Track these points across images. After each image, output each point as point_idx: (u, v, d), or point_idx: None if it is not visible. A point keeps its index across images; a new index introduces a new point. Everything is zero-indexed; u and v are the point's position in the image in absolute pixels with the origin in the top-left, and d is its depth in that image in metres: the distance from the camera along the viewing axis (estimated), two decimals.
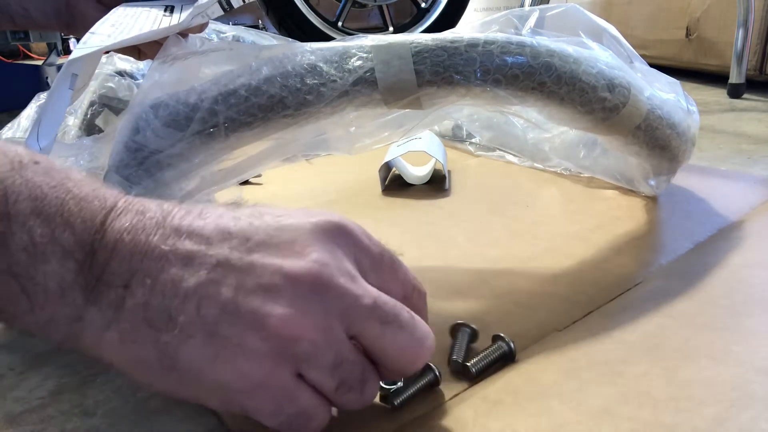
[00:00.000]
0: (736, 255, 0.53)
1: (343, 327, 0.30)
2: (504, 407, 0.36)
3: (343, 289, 0.29)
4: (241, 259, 0.29)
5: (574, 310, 0.47)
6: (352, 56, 0.46)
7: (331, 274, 0.29)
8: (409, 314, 0.32)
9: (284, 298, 0.28)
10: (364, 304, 0.30)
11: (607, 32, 0.60)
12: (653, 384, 0.36)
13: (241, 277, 0.28)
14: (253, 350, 0.28)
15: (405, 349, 0.31)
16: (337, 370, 0.30)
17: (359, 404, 0.32)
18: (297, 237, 0.30)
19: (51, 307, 0.28)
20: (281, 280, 0.28)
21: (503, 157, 0.86)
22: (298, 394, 0.29)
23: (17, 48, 2.74)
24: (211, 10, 0.46)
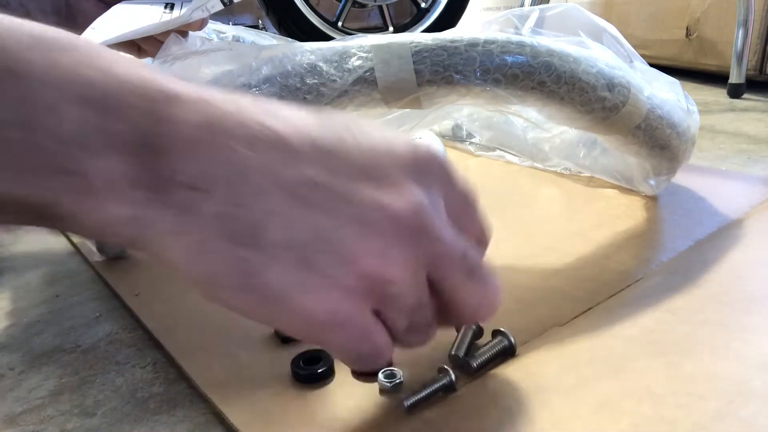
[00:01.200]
0: (736, 252, 0.53)
1: (427, 271, 0.29)
2: (504, 401, 0.36)
3: (438, 235, 0.29)
4: (339, 184, 0.27)
5: (574, 306, 0.47)
6: (352, 56, 0.46)
7: (429, 218, 0.28)
8: (487, 267, 0.32)
9: (383, 237, 0.27)
10: (455, 253, 0.30)
11: (607, 32, 0.60)
12: (653, 379, 0.36)
13: (339, 204, 0.27)
14: (344, 286, 0.27)
15: (481, 301, 0.32)
16: (413, 313, 0.30)
17: (420, 345, 0.32)
18: (393, 168, 0.28)
19: (106, 206, 0.24)
20: (382, 217, 0.27)
21: (503, 157, 0.86)
22: (375, 332, 0.29)
23: None
24: (211, 4, 0.46)
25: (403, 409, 0.36)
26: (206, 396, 0.40)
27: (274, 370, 0.42)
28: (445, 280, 0.30)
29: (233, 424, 0.37)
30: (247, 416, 0.37)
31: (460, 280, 0.30)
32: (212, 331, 0.46)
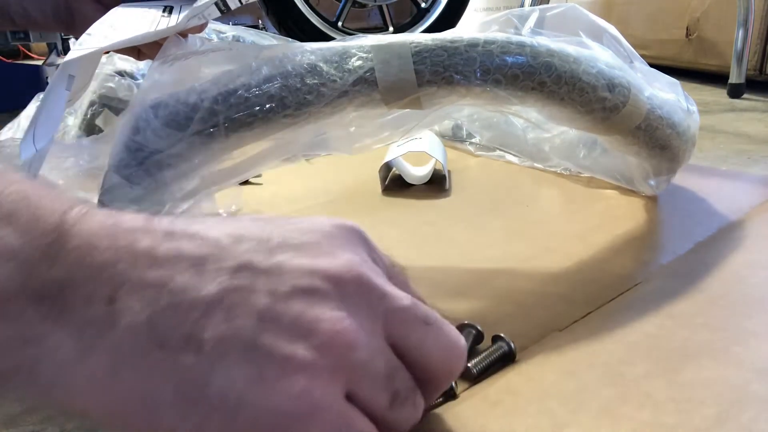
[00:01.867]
0: (737, 255, 0.53)
1: (384, 332, 0.26)
2: (504, 408, 0.36)
3: (383, 290, 0.27)
4: (266, 260, 0.25)
5: (573, 310, 0.47)
6: (352, 56, 0.46)
7: (370, 275, 0.26)
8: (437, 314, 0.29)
9: (330, 300, 0.25)
10: (405, 305, 0.27)
11: (607, 32, 0.60)
12: (653, 384, 0.36)
13: (272, 280, 0.24)
14: (306, 364, 0.23)
15: (448, 350, 0.29)
16: (390, 382, 0.26)
17: (413, 419, 0.28)
18: (320, 238, 0.27)
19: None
20: (321, 281, 0.25)
21: (503, 157, 0.86)
22: (354, 417, 0.25)
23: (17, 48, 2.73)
24: (208, 11, 0.46)
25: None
26: None
27: None
28: (406, 337, 0.27)
29: None
30: None
31: (421, 332, 0.27)
32: None
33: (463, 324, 0.43)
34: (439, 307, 0.49)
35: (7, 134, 0.76)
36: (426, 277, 0.54)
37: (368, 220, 0.68)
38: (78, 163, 0.50)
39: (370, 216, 0.69)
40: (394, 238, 0.63)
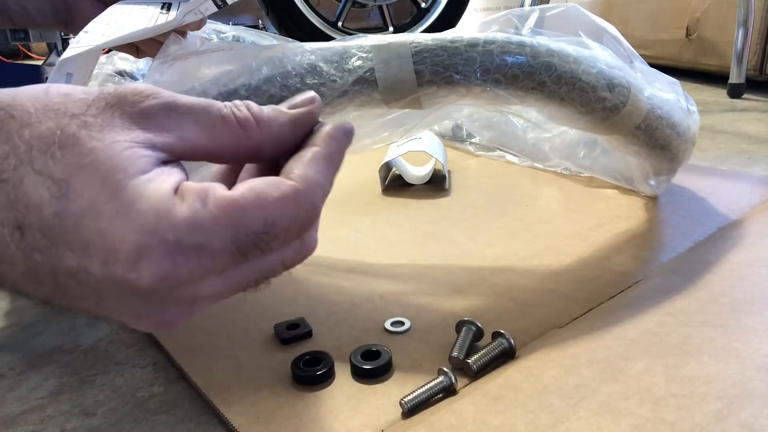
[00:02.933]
0: (737, 253, 0.53)
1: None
2: (504, 403, 0.36)
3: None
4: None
5: (574, 308, 0.47)
6: (352, 56, 0.46)
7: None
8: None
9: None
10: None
11: (607, 32, 0.60)
12: (654, 381, 0.36)
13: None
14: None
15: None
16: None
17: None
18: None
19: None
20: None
21: (503, 157, 0.86)
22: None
23: (17, 48, 2.74)
24: (205, 6, 0.46)
25: (403, 410, 0.36)
26: (206, 396, 0.40)
27: (274, 371, 0.42)
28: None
29: (233, 425, 0.37)
30: (247, 417, 0.37)
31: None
32: (212, 331, 0.46)
33: (464, 321, 0.43)
34: (439, 304, 0.49)
35: None
36: (426, 275, 0.54)
37: (368, 220, 0.68)
38: None
39: (370, 216, 0.70)
40: (394, 238, 0.63)
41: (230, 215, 0.24)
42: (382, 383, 0.40)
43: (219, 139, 0.26)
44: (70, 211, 0.22)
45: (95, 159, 0.23)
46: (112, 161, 0.23)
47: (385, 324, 0.46)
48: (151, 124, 0.25)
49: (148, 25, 0.45)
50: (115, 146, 0.23)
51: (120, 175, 0.23)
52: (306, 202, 0.26)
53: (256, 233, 0.24)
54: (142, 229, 0.23)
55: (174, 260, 0.23)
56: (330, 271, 0.56)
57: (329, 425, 0.36)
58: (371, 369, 0.40)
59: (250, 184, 0.25)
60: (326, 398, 0.39)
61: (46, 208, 0.22)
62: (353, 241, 0.63)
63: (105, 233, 0.22)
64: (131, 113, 0.24)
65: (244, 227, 0.24)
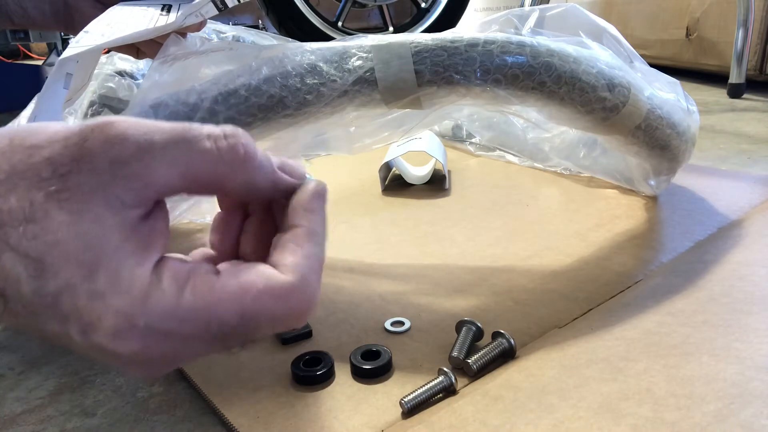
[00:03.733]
0: (736, 253, 0.53)
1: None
2: (504, 403, 0.36)
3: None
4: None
5: (573, 308, 0.47)
6: (352, 56, 0.46)
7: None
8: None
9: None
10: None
11: (607, 32, 0.60)
12: (654, 381, 0.36)
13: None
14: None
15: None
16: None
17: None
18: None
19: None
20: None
21: (503, 157, 0.86)
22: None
23: (17, 48, 2.74)
24: (205, 9, 0.46)
25: (403, 410, 0.36)
26: (206, 396, 0.40)
27: (274, 371, 0.42)
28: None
29: (233, 425, 0.37)
30: (247, 417, 0.37)
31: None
32: None
33: (464, 321, 0.43)
34: (439, 304, 0.49)
35: None
36: (426, 275, 0.54)
37: (368, 220, 0.68)
38: None
39: (370, 216, 0.70)
40: (394, 238, 0.63)
41: (206, 305, 0.24)
42: (382, 383, 0.40)
43: (193, 176, 0.25)
44: (48, 290, 0.23)
45: (66, 235, 0.23)
46: (83, 239, 0.23)
47: (385, 324, 0.46)
48: (120, 174, 0.23)
49: (148, 27, 0.45)
50: (84, 219, 0.23)
51: (90, 255, 0.23)
52: (299, 296, 0.25)
53: (231, 326, 0.24)
54: (117, 312, 0.23)
55: (146, 343, 0.23)
56: (330, 271, 0.56)
57: (329, 425, 0.36)
58: (371, 369, 0.40)
59: (237, 269, 0.25)
60: (326, 398, 0.39)
61: (25, 285, 0.23)
62: (353, 241, 0.63)
63: (82, 311, 0.23)
64: (99, 165, 0.23)
65: (217, 319, 0.24)
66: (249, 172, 0.26)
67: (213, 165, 0.25)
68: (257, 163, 0.26)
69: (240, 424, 0.37)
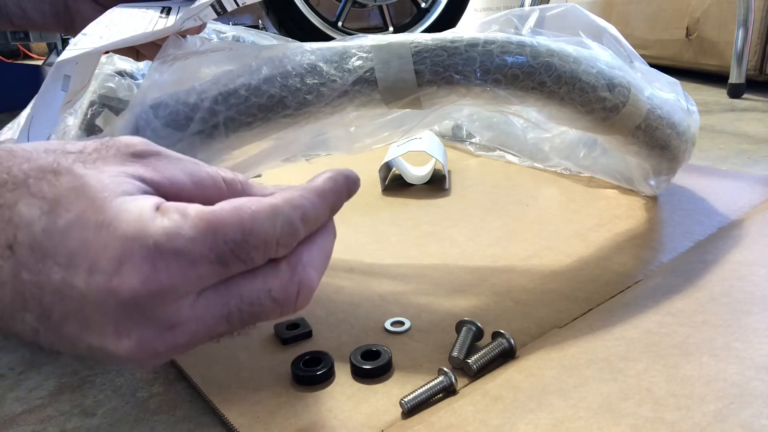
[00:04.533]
0: (736, 253, 0.53)
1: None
2: (504, 403, 0.36)
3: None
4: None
5: (574, 308, 0.47)
6: (352, 56, 0.46)
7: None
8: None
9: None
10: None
11: (607, 32, 0.60)
12: (654, 381, 0.36)
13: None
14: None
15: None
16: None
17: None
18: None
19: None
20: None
21: (503, 157, 0.86)
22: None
23: (17, 48, 2.74)
24: (204, 13, 0.46)
25: (403, 410, 0.36)
26: (206, 396, 0.40)
27: (274, 371, 0.42)
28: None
29: (233, 425, 0.37)
30: (246, 417, 0.37)
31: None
32: None
33: (464, 321, 0.43)
34: (439, 304, 0.49)
35: (7, 134, 0.76)
36: (426, 275, 0.54)
37: (368, 220, 0.68)
38: None
39: (370, 216, 0.70)
40: (394, 238, 0.63)
41: (209, 223, 0.25)
42: (382, 383, 0.40)
43: (202, 189, 0.27)
44: (58, 226, 0.24)
45: (85, 182, 0.24)
46: (101, 183, 0.24)
47: (385, 324, 0.46)
48: (142, 162, 0.26)
49: (146, 30, 0.45)
50: (105, 173, 0.25)
51: (106, 193, 0.24)
52: (282, 216, 0.26)
53: (234, 241, 0.25)
54: (124, 236, 0.23)
55: (155, 264, 0.24)
56: (330, 271, 0.56)
57: (329, 425, 0.36)
58: (371, 369, 0.40)
59: (230, 200, 0.26)
60: (326, 398, 0.39)
61: (36, 225, 0.24)
62: (353, 241, 0.63)
63: (89, 243, 0.23)
64: (124, 152, 0.26)
65: (222, 234, 0.25)
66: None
67: (218, 187, 0.27)
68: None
69: (240, 424, 0.37)
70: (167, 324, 0.25)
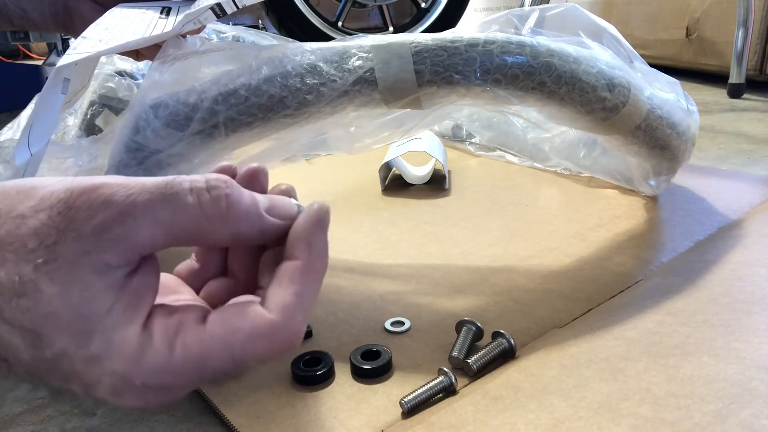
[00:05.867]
0: (736, 253, 0.53)
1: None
2: (504, 403, 0.36)
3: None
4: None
5: (574, 308, 0.47)
6: (352, 56, 0.46)
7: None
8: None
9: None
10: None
11: (607, 32, 0.60)
12: (653, 381, 0.36)
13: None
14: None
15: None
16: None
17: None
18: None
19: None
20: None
21: (503, 157, 0.86)
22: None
23: (17, 48, 2.74)
24: (204, 16, 0.46)
25: (403, 410, 0.36)
26: (206, 396, 0.40)
27: (274, 371, 0.42)
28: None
29: (233, 425, 0.37)
30: (246, 417, 0.37)
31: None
32: None
33: (464, 321, 0.43)
34: (439, 304, 0.49)
35: (7, 134, 0.76)
36: (426, 275, 0.54)
37: (368, 220, 0.68)
38: (78, 164, 0.50)
39: (370, 216, 0.69)
40: (394, 238, 0.63)
41: (197, 359, 0.24)
42: (382, 383, 0.40)
43: (177, 234, 0.25)
44: (46, 357, 0.24)
45: (57, 307, 0.23)
46: (74, 310, 0.23)
47: (385, 324, 0.46)
48: (105, 239, 0.24)
49: (145, 34, 0.45)
50: (73, 289, 0.23)
51: (83, 323, 0.23)
52: (285, 334, 0.26)
53: (223, 371, 0.25)
54: (114, 374, 0.24)
55: (145, 398, 0.25)
56: (330, 271, 0.55)
57: (329, 425, 0.36)
58: (371, 369, 0.40)
59: (224, 316, 0.25)
60: (326, 398, 0.39)
61: (24, 353, 0.24)
62: (353, 241, 0.63)
63: (81, 375, 0.24)
64: (84, 234, 0.24)
65: (211, 367, 0.25)
66: (232, 225, 0.26)
67: (196, 220, 0.25)
68: (242, 213, 0.26)
69: (240, 423, 0.37)
70: (168, 403, 0.26)
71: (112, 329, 0.24)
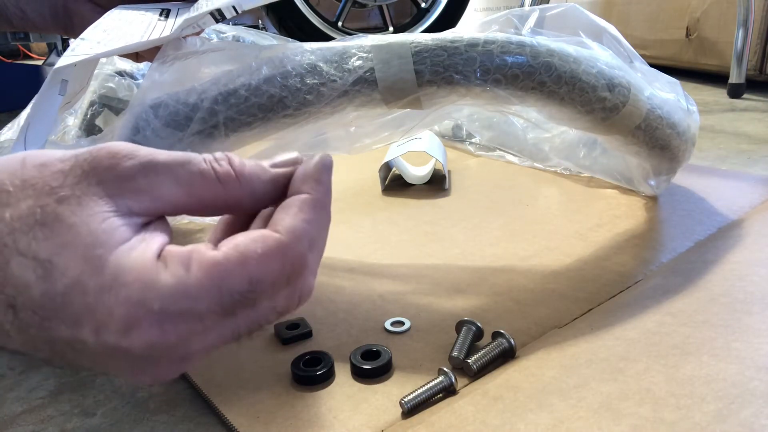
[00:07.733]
0: (736, 253, 0.53)
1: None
2: (504, 403, 0.36)
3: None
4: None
5: (574, 308, 0.47)
6: (352, 56, 0.46)
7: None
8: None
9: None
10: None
11: (607, 32, 0.60)
12: (654, 381, 0.36)
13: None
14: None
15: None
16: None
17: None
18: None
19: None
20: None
21: (503, 157, 0.86)
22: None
23: (17, 48, 2.73)
24: (203, 21, 0.46)
25: (403, 410, 0.36)
26: (206, 396, 0.40)
27: (274, 371, 0.42)
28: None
29: (233, 425, 0.37)
30: (246, 417, 0.37)
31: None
32: None
33: (464, 321, 0.43)
34: (439, 304, 0.49)
35: (6, 134, 0.76)
36: (426, 275, 0.54)
37: (368, 220, 0.68)
38: None
39: (370, 216, 0.69)
40: (394, 238, 0.63)
41: (214, 278, 0.24)
42: (382, 383, 0.40)
43: (197, 196, 0.26)
44: (58, 290, 0.23)
45: (75, 236, 0.23)
46: (92, 236, 0.23)
47: (385, 324, 0.46)
48: (127, 188, 0.25)
49: (144, 37, 0.45)
50: (93, 220, 0.24)
51: (100, 250, 0.23)
52: (292, 254, 0.26)
53: (241, 293, 0.25)
54: (128, 301, 0.23)
55: (162, 328, 0.24)
56: (330, 271, 0.56)
57: (329, 425, 0.36)
58: (371, 369, 0.40)
59: (235, 241, 0.25)
60: (326, 398, 0.39)
61: (34, 289, 0.23)
62: (353, 241, 0.63)
63: (93, 307, 0.23)
64: (108, 178, 0.24)
65: (228, 288, 0.24)
66: (246, 184, 0.27)
67: (213, 184, 0.26)
68: (251, 171, 0.27)
69: (240, 423, 0.37)
70: (179, 359, 0.25)
71: (127, 255, 0.24)
